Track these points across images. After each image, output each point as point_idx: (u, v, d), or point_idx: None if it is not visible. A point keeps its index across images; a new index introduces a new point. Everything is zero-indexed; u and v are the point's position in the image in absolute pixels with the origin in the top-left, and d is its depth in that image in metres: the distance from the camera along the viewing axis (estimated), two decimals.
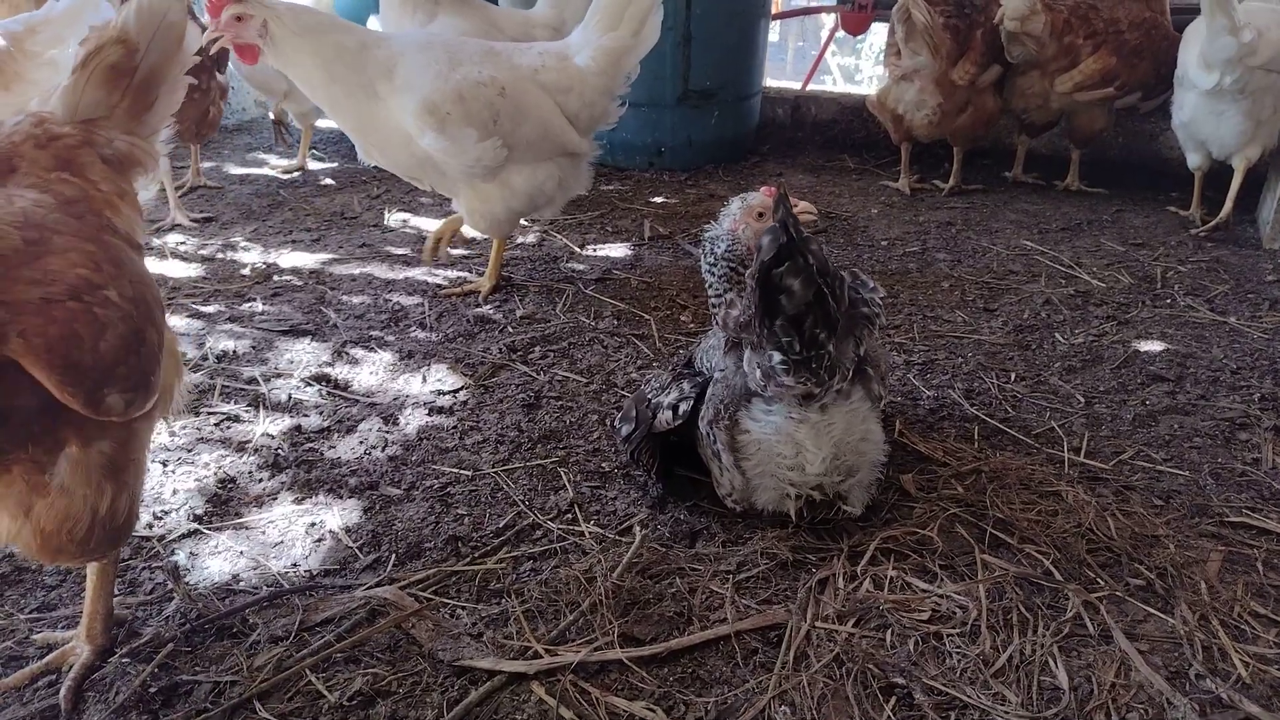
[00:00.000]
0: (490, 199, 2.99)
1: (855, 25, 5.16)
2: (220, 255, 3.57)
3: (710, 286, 2.21)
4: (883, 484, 1.99)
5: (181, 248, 3.65)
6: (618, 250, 3.71)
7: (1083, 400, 2.51)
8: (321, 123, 5.99)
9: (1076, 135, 4.44)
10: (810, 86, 5.75)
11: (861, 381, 1.81)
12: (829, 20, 6.96)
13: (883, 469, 1.94)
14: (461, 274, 3.42)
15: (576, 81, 2.99)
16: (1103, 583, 1.77)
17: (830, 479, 1.81)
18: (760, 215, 2.14)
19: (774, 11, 5.89)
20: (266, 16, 2.67)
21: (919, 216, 4.16)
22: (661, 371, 2.13)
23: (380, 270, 3.44)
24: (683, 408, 1.90)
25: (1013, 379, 2.63)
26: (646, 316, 3.04)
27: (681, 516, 1.98)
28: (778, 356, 1.68)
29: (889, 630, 1.64)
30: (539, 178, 3.02)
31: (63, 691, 1.49)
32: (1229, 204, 3.80)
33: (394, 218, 4.05)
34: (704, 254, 2.21)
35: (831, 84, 10.28)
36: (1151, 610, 1.70)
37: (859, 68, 12.18)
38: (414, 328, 2.96)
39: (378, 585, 1.78)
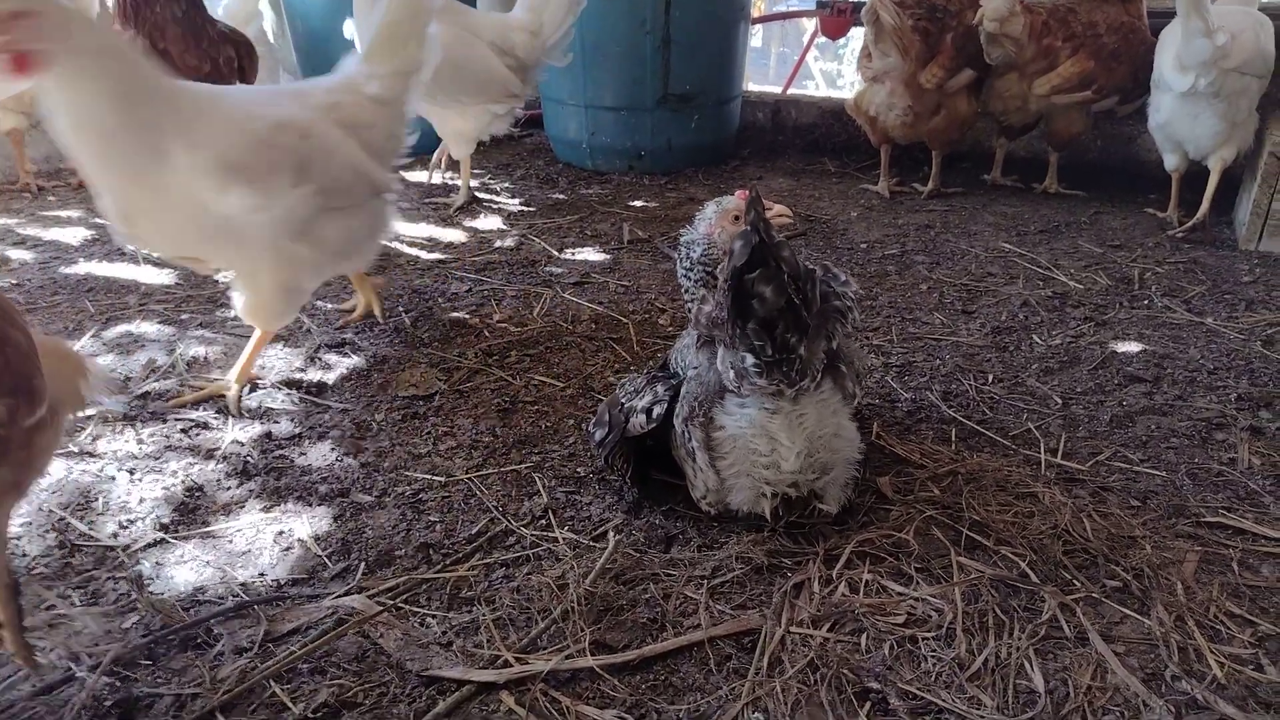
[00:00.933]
0: (295, 263, 2.41)
1: (835, 30, 5.17)
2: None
3: (686, 291, 2.20)
4: (859, 486, 1.97)
5: (154, 254, 3.60)
6: (596, 254, 3.69)
7: (1060, 401, 2.51)
8: None
9: (1055, 138, 4.46)
10: (792, 91, 5.75)
11: (833, 375, 1.80)
12: (811, 25, 6.99)
13: (859, 469, 1.92)
14: (437, 278, 3.39)
15: (378, 114, 2.63)
16: (1079, 584, 1.76)
17: (805, 476, 1.79)
18: (736, 219, 2.12)
19: (755, 16, 5.89)
20: (61, 20, 1.92)
21: (898, 219, 4.16)
22: (637, 375, 2.11)
23: None
24: (656, 410, 1.88)
25: (990, 380, 2.63)
26: (624, 320, 3.02)
27: (656, 521, 1.96)
28: (750, 359, 1.66)
29: (864, 634, 1.62)
30: (352, 226, 2.56)
31: None
32: (1205, 205, 3.82)
33: None
34: (680, 258, 2.20)
35: (814, 89, 10.31)
36: (1128, 612, 1.69)
37: (841, 72, 12.23)
38: (389, 332, 2.93)
39: (346, 594, 1.74)
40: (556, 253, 3.68)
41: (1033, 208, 4.34)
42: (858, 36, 6.22)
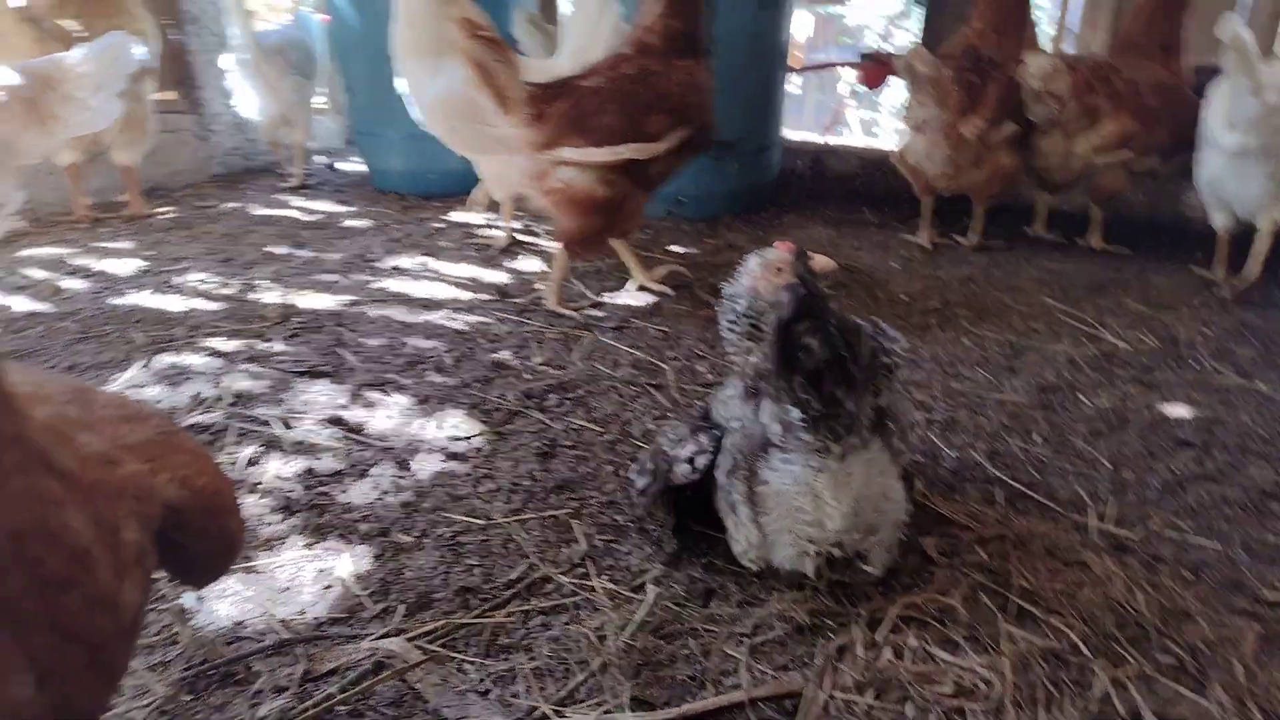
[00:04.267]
0: None
1: (873, 79, 5.21)
2: (241, 295, 3.59)
3: (729, 344, 2.19)
4: (903, 546, 1.94)
5: (203, 286, 3.67)
6: (636, 299, 3.70)
7: (1109, 465, 2.46)
8: (350, 166, 6.09)
9: (1098, 194, 4.44)
10: (831, 139, 5.78)
11: (881, 434, 1.78)
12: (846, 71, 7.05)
13: (905, 531, 1.89)
14: (479, 318, 3.42)
15: None
16: (1132, 660, 1.71)
17: (850, 536, 1.76)
18: (779, 271, 2.12)
19: (794, 65, 5.95)
20: None
21: (939, 271, 4.14)
22: (678, 423, 2.10)
23: (399, 314, 3.44)
24: (700, 461, 1.86)
25: (1037, 441, 2.59)
26: (664, 366, 3.02)
27: (696, 574, 1.93)
28: (796, 413, 1.65)
29: (909, 703, 1.58)
30: None
31: None
32: (1255, 265, 3.76)
33: (414, 262, 4.07)
34: (723, 311, 2.19)
35: (851, 136, 10.37)
36: (1183, 691, 1.64)
37: (878, 121, 12.31)
38: (430, 371, 2.95)
39: (385, 636, 1.74)
40: (596, 295, 3.70)
41: (1076, 263, 4.30)
42: (896, 85, 6.25)
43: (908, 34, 11.25)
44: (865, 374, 1.66)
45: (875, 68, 5.08)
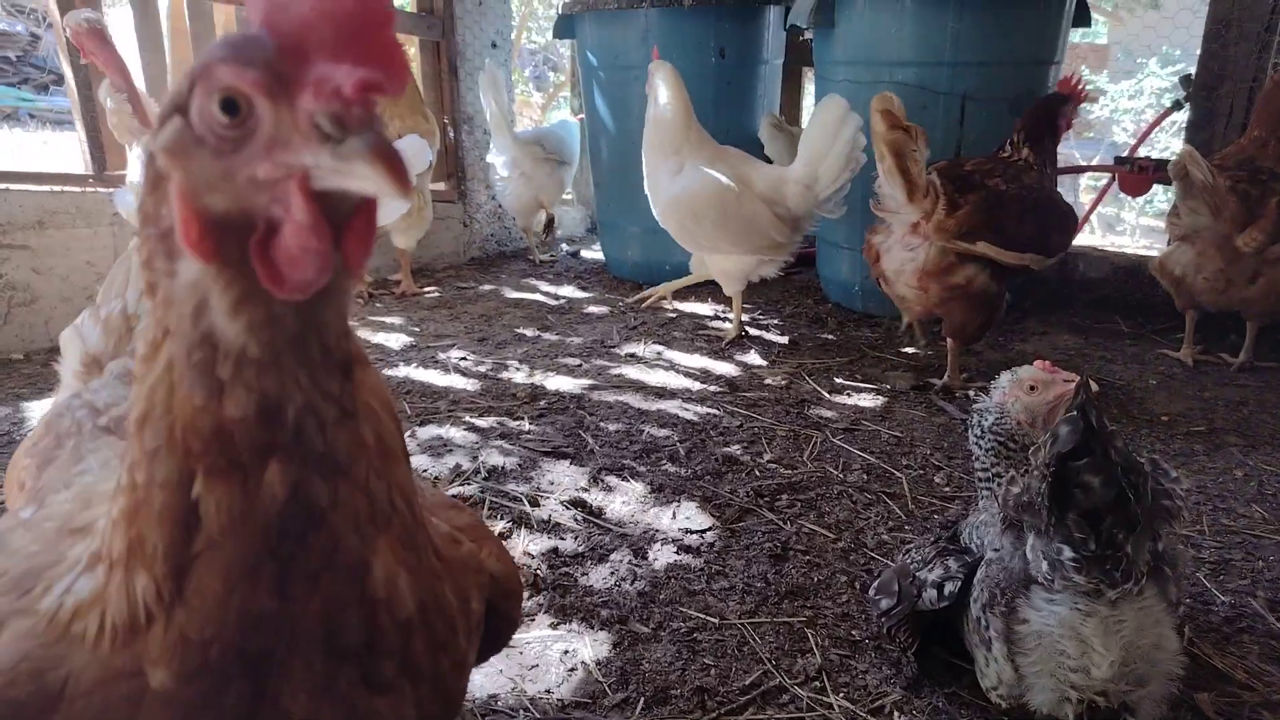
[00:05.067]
0: None
1: (1135, 188, 4.93)
2: (495, 374, 3.89)
3: (977, 460, 2.14)
4: (1175, 700, 1.78)
5: (463, 363, 4.01)
6: (867, 400, 3.67)
7: None
8: (587, 254, 6.49)
9: None
10: (1080, 242, 5.51)
11: (1157, 581, 1.66)
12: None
13: (1177, 684, 1.74)
14: (710, 410, 3.51)
15: None
16: None
17: (1118, 686, 1.65)
18: (1032, 389, 2.06)
19: None
20: None
21: (1204, 392, 3.81)
22: (923, 541, 2.06)
23: (635, 400, 3.60)
24: (949, 587, 1.81)
25: None
26: (898, 474, 2.96)
27: (939, 704, 1.87)
28: (1068, 551, 1.58)
29: None
30: None
31: None
32: None
33: (649, 350, 4.25)
34: (971, 425, 2.15)
35: (1089, 233, 9.79)
36: None
37: (1121, 218, 11.56)
38: (665, 460, 3.05)
39: None
40: (827, 394, 3.70)
41: None
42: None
43: (1167, 135, 10.56)
44: (1146, 516, 1.57)
45: (1138, 175, 4.81)
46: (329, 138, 0.63)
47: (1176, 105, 5.34)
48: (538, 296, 5.24)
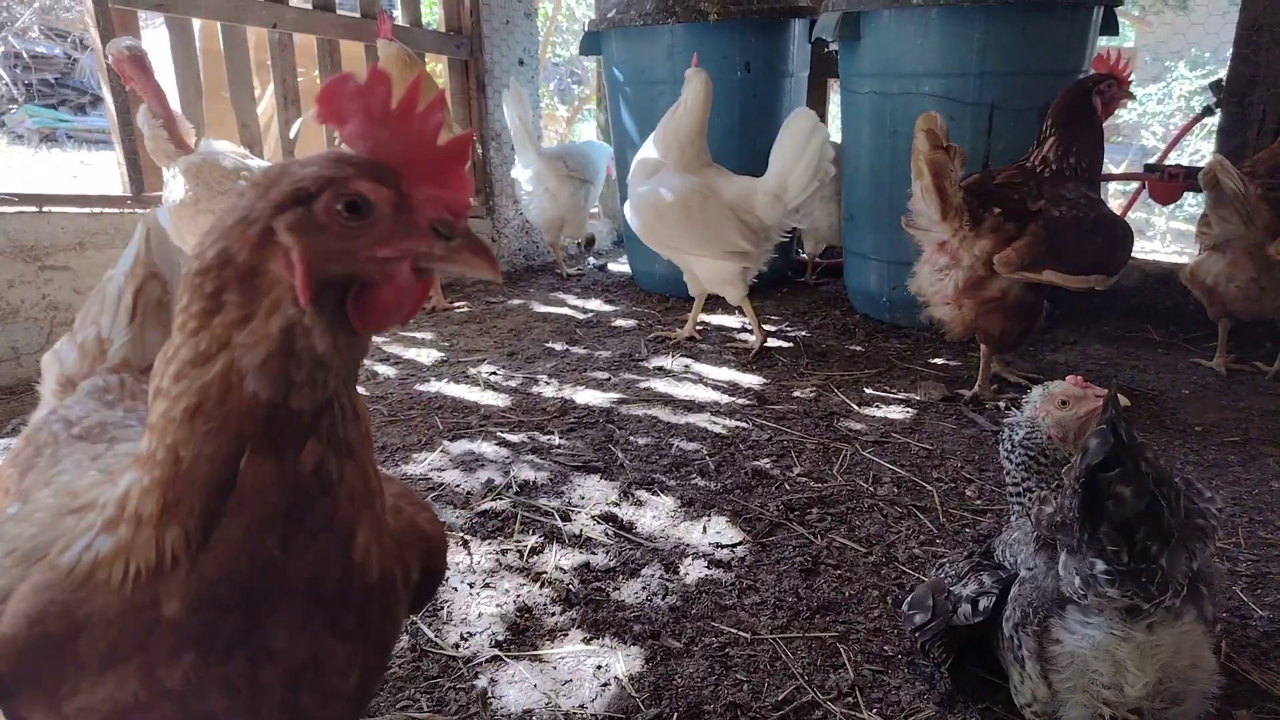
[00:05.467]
0: None
1: (1165, 195, 4.89)
2: (525, 388, 3.93)
3: (1008, 474, 2.14)
4: (1211, 718, 1.77)
5: (493, 378, 4.06)
6: (896, 412, 3.67)
7: None
8: (614, 267, 6.52)
9: None
10: None
11: (1194, 601, 1.65)
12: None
13: (1214, 702, 1.73)
14: (739, 423, 3.52)
15: None
16: None
17: (1152, 704, 1.64)
18: (1064, 403, 2.06)
19: None
20: None
21: (1239, 402, 3.77)
22: (956, 556, 2.06)
23: (664, 414, 3.62)
24: (983, 603, 1.82)
25: None
26: (928, 487, 2.96)
27: None
28: (1101, 565, 1.57)
29: None
30: None
31: None
32: None
33: (676, 363, 4.27)
34: (1002, 440, 2.15)
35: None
36: None
37: (1151, 223, 11.43)
38: (694, 474, 3.07)
39: None
40: (856, 407, 3.70)
41: None
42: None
43: (1200, 141, 10.41)
44: (1180, 531, 1.56)
45: (1169, 183, 4.77)
46: (441, 235, 0.93)
47: (1207, 111, 5.29)
48: (566, 310, 5.28)
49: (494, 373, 4.13)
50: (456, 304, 5.37)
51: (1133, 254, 3.80)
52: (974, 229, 3.54)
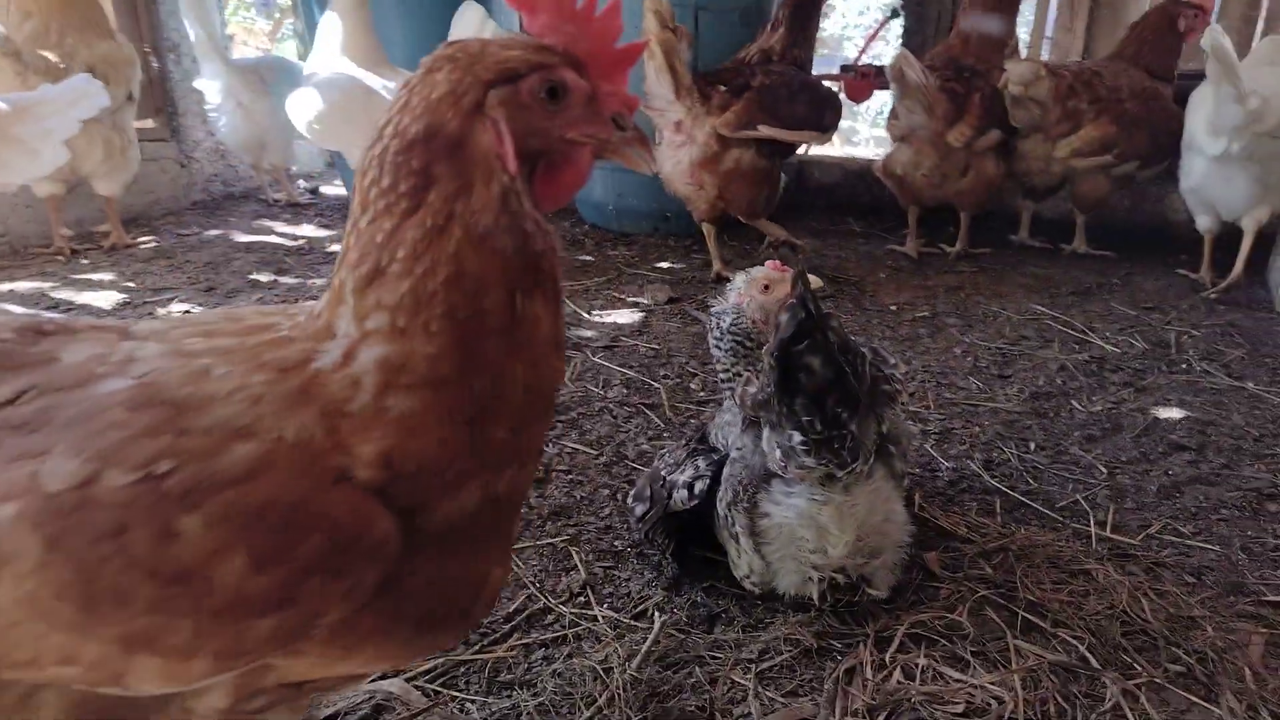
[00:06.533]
0: None
1: (858, 93, 5.22)
2: None
3: (718, 361, 2.17)
4: (906, 563, 1.92)
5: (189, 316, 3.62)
6: (625, 316, 3.69)
7: (1105, 471, 2.45)
8: (328, 189, 6.05)
9: (1080, 200, 4.46)
10: (814, 151, 5.79)
11: (884, 460, 1.76)
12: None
13: (907, 549, 1.87)
14: None
15: None
16: (1140, 669, 1.69)
17: (854, 561, 1.75)
18: (766, 288, 2.11)
19: None
20: None
21: (927, 281, 4.15)
22: (675, 445, 2.08)
23: None
24: (699, 486, 1.84)
25: (1032, 449, 2.58)
26: (656, 385, 3.00)
27: (698, 599, 1.91)
28: (798, 436, 1.63)
29: None
30: None
31: None
32: (1239, 266, 3.79)
33: None
34: (710, 327, 2.18)
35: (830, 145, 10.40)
36: (1194, 699, 1.62)
37: (856, 129, 12.35)
38: None
39: (382, 676, 1.70)
40: (586, 315, 3.68)
41: (1063, 269, 4.32)
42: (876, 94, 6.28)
43: (886, 46, 11.27)
44: (868, 397, 1.64)
45: (861, 81, 5.09)
46: (619, 126, 1.04)
47: (893, 14, 5.68)
48: (273, 239, 4.83)
49: (187, 311, 3.69)
50: (141, 239, 4.74)
51: (835, 156, 4.05)
52: (704, 104, 3.77)
